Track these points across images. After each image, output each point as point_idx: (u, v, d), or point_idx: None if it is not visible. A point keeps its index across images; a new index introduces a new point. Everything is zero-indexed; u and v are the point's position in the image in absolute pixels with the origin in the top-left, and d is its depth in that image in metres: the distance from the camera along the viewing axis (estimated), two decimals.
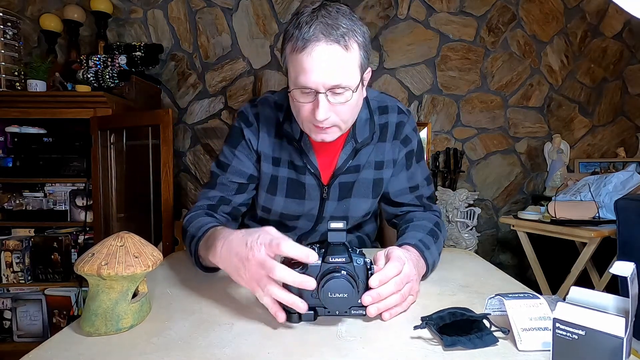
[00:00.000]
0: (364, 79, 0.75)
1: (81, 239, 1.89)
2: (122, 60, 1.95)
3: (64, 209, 1.91)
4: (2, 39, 1.84)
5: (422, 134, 2.42)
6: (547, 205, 1.92)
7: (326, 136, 0.76)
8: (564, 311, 0.42)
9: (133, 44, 2.07)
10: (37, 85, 1.86)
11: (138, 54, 2.02)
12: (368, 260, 0.57)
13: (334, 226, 0.55)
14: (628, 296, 0.42)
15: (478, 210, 2.22)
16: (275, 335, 0.53)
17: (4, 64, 1.84)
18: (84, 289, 1.85)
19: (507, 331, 0.50)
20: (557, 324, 0.42)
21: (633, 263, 0.43)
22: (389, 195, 0.93)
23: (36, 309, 1.93)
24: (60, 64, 2.13)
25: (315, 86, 0.68)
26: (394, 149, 0.89)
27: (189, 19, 2.41)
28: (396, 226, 0.95)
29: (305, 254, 0.52)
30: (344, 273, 0.52)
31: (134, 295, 0.56)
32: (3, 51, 1.84)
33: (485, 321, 0.52)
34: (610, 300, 0.45)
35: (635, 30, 2.43)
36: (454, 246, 2.21)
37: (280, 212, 0.92)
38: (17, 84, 1.90)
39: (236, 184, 0.89)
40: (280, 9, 2.41)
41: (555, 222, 1.80)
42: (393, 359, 0.47)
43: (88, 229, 1.86)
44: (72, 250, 1.89)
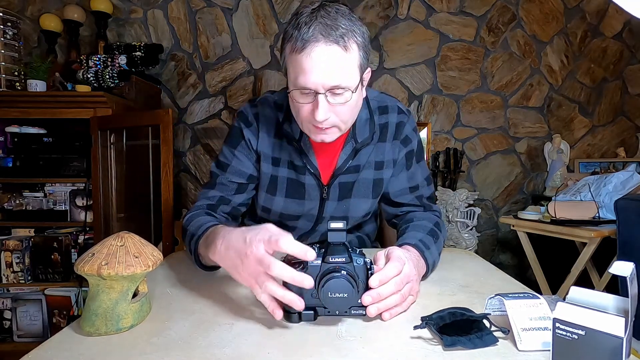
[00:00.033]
0: (364, 79, 0.75)
1: (81, 239, 1.89)
2: (122, 60, 1.95)
3: (64, 209, 1.91)
4: (2, 39, 1.84)
5: (422, 134, 2.42)
6: (547, 205, 1.92)
7: (326, 137, 0.76)
8: (563, 311, 0.42)
9: (133, 44, 2.07)
10: (37, 85, 1.86)
11: (138, 54, 2.02)
12: (368, 260, 0.57)
13: (334, 226, 0.55)
14: (628, 296, 0.42)
15: (478, 210, 2.22)
16: (275, 335, 0.53)
17: (4, 64, 1.84)
18: (84, 289, 1.85)
19: (507, 331, 0.50)
20: (557, 324, 0.42)
21: (632, 263, 0.43)
22: (389, 196, 0.93)
23: (36, 309, 1.93)
24: (60, 64, 2.13)
25: (314, 87, 0.68)
26: (394, 149, 0.89)
27: (189, 19, 2.41)
28: (396, 226, 0.95)
29: (304, 251, 0.52)
30: (344, 273, 0.52)
31: (134, 295, 0.56)
32: (3, 51, 1.84)
33: (485, 321, 0.52)
34: (610, 300, 0.45)
35: (635, 30, 2.43)
36: (454, 246, 2.21)
37: (280, 212, 0.92)
38: (17, 84, 1.90)
39: (236, 184, 0.89)
40: (280, 9, 2.41)
41: (555, 222, 1.80)
42: (393, 359, 0.47)
43: (88, 229, 1.86)
44: (72, 250, 1.89)
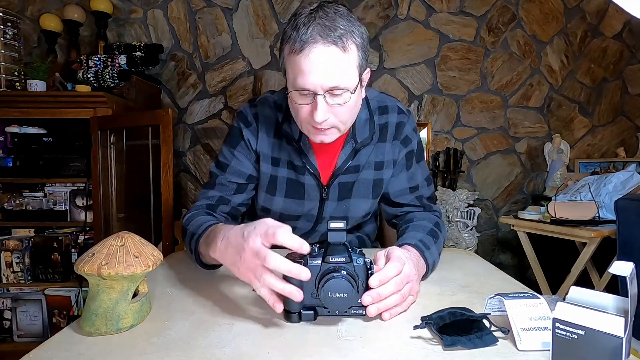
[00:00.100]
0: (363, 79, 0.75)
1: (81, 239, 1.89)
2: (122, 60, 1.95)
3: (64, 209, 1.91)
4: (2, 39, 1.84)
5: (422, 134, 2.41)
6: (547, 205, 1.92)
7: (325, 137, 0.76)
8: (563, 311, 0.42)
9: (133, 44, 2.07)
10: (37, 85, 1.86)
11: (138, 54, 2.02)
12: (368, 260, 0.57)
13: (333, 226, 0.55)
14: (628, 296, 0.42)
15: (478, 210, 2.22)
16: (275, 335, 0.53)
17: (4, 64, 1.84)
18: (84, 289, 1.85)
19: (506, 331, 0.50)
20: (557, 324, 0.42)
21: (632, 263, 0.43)
22: (388, 196, 0.93)
23: (36, 309, 1.93)
24: (60, 64, 2.13)
25: (313, 88, 0.68)
26: (394, 149, 0.89)
27: (189, 19, 2.41)
28: (396, 226, 0.95)
29: (300, 244, 0.52)
30: (344, 273, 0.52)
31: (134, 295, 0.56)
32: (3, 51, 1.84)
33: (485, 321, 0.52)
34: (610, 300, 0.45)
35: (635, 30, 2.43)
36: (454, 246, 2.21)
37: (280, 213, 0.92)
38: (17, 84, 1.90)
39: (235, 184, 0.89)
40: (280, 9, 2.41)
41: (555, 222, 1.80)
42: (393, 359, 0.47)
43: (88, 229, 1.86)
44: (72, 250, 1.89)
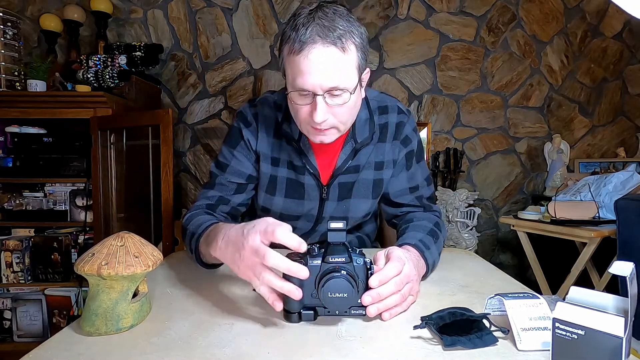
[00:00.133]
0: (362, 79, 0.75)
1: (81, 239, 1.89)
2: (122, 60, 1.95)
3: (64, 209, 1.91)
4: (2, 39, 1.84)
5: (422, 134, 2.41)
6: (547, 205, 1.92)
7: (325, 138, 0.76)
8: (563, 311, 0.42)
9: (133, 44, 2.07)
10: (37, 85, 1.86)
11: (138, 54, 2.02)
12: (368, 260, 0.57)
13: (333, 226, 0.55)
14: (627, 296, 0.42)
15: (478, 210, 2.22)
16: (275, 335, 0.53)
17: (4, 64, 1.84)
18: (84, 289, 1.85)
19: (506, 331, 0.50)
20: (557, 324, 0.42)
21: (632, 263, 0.43)
22: (388, 196, 0.93)
23: (36, 309, 1.93)
24: (60, 64, 2.13)
25: (312, 88, 0.68)
26: (393, 149, 0.89)
27: (189, 19, 2.41)
28: (396, 226, 0.95)
29: (298, 242, 0.52)
30: (343, 273, 0.52)
31: (134, 295, 0.56)
32: (3, 51, 1.84)
33: (485, 321, 0.52)
34: (610, 300, 0.45)
35: (635, 30, 2.43)
36: (454, 246, 2.21)
37: (280, 213, 0.92)
38: (17, 84, 1.90)
39: (235, 184, 0.89)
40: (280, 9, 2.41)
41: (555, 222, 1.80)
42: (393, 359, 0.47)
43: (88, 229, 1.86)
44: (72, 250, 1.89)
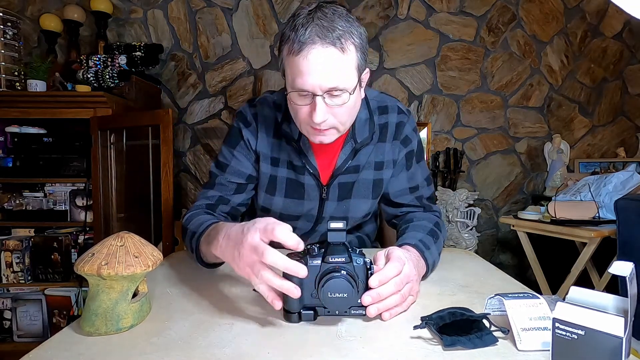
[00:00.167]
0: (362, 80, 0.75)
1: (81, 239, 1.89)
2: (122, 60, 1.95)
3: (64, 209, 1.91)
4: (2, 39, 1.84)
5: (422, 134, 2.41)
6: (547, 205, 1.92)
7: (324, 138, 0.76)
8: (563, 311, 0.42)
9: (133, 44, 2.07)
10: (37, 85, 1.86)
11: (138, 54, 2.02)
12: (368, 260, 0.57)
13: (333, 226, 0.55)
14: (627, 296, 0.42)
15: (478, 210, 2.22)
16: (275, 335, 0.53)
17: (4, 64, 1.84)
18: (84, 289, 1.85)
19: (506, 331, 0.50)
20: (557, 324, 0.42)
21: (632, 263, 0.43)
22: (388, 196, 0.93)
23: (36, 309, 1.93)
24: (60, 64, 2.13)
25: (312, 89, 0.68)
26: (393, 149, 0.89)
27: (189, 19, 2.41)
28: (396, 226, 0.95)
29: (296, 242, 0.52)
30: (343, 273, 0.52)
31: (134, 295, 0.56)
32: (3, 51, 1.84)
33: (485, 321, 0.52)
34: (610, 300, 0.45)
35: (635, 30, 2.43)
36: (454, 246, 2.21)
37: (280, 213, 0.92)
38: (17, 84, 1.90)
39: (235, 184, 0.89)
40: (280, 9, 2.41)
41: (555, 222, 1.80)
42: (393, 359, 0.47)
43: (88, 229, 1.86)
44: (72, 250, 1.89)
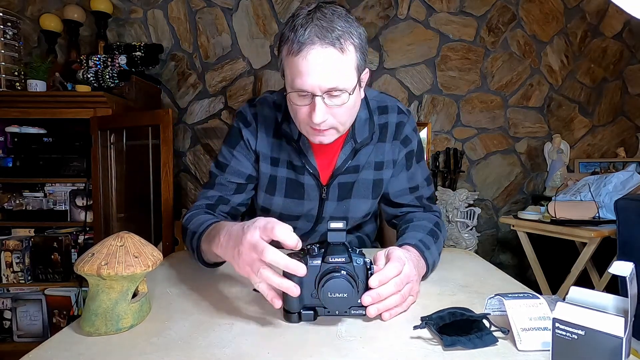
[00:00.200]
0: (361, 80, 0.75)
1: (81, 239, 1.89)
2: (122, 60, 1.95)
3: (64, 209, 1.91)
4: (2, 39, 1.84)
5: (422, 134, 2.41)
6: (547, 205, 1.92)
7: (324, 138, 0.76)
8: (563, 311, 0.42)
9: (133, 44, 2.07)
10: (37, 85, 1.86)
11: (138, 54, 2.02)
12: (368, 260, 0.57)
13: (333, 226, 0.55)
14: (627, 296, 0.42)
15: (478, 210, 2.22)
16: (275, 335, 0.53)
17: (4, 64, 1.84)
18: (84, 289, 1.85)
19: (506, 331, 0.50)
20: (557, 324, 0.42)
21: (632, 263, 0.43)
22: (388, 196, 0.93)
23: (36, 309, 1.93)
24: (60, 64, 2.13)
25: (311, 89, 0.68)
26: (393, 150, 0.89)
27: (189, 19, 2.41)
28: (396, 226, 0.95)
29: (295, 241, 0.52)
30: (343, 273, 0.52)
31: (134, 295, 0.56)
32: (3, 51, 1.84)
33: (485, 321, 0.52)
34: (610, 300, 0.45)
35: (635, 30, 2.43)
36: (454, 246, 2.21)
37: (280, 213, 0.92)
38: (17, 84, 1.90)
39: (235, 184, 0.89)
40: (280, 9, 2.41)
41: (555, 222, 1.80)
42: (393, 359, 0.47)
43: (88, 229, 1.86)
44: (72, 250, 1.89)
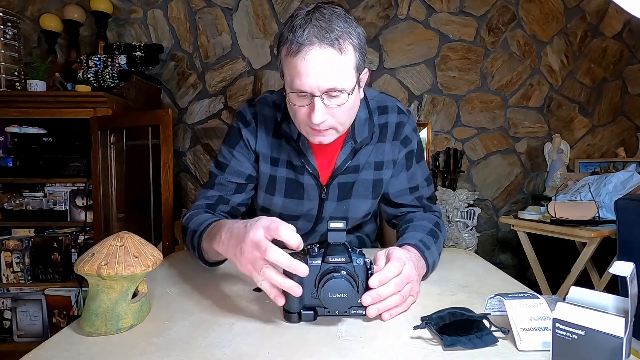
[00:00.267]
0: (361, 80, 0.75)
1: (81, 239, 1.89)
2: (122, 60, 1.95)
3: (64, 209, 1.91)
4: (2, 39, 1.84)
5: (422, 134, 2.41)
6: (547, 205, 1.92)
7: (323, 139, 0.76)
8: (563, 311, 0.42)
9: (133, 44, 2.07)
10: (37, 85, 1.86)
11: (138, 54, 2.02)
12: (368, 260, 0.57)
13: (333, 226, 0.55)
14: (628, 296, 0.42)
15: (478, 210, 2.22)
16: (275, 335, 0.53)
17: (4, 64, 1.84)
18: (84, 289, 1.85)
19: (506, 331, 0.50)
20: (557, 324, 0.42)
21: (632, 263, 0.43)
22: (388, 196, 0.93)
23: (36, 309, 1.93)
24: (60, 64, 2.13)
25: (310, 90, 0.68)
26: (393, 150, 0.89)
27: (189, 19, 2.41)
28: (396, 226, 0.95)
29: (298, 242, 0.52)
30: (343, 273, 0.52)
31: (134, 295, 0.56)
32: (3, 51, 1.84)
33: (485, 321, 0.52)
34: (610, 300, 0.45)
35: (635, 30, 2.43)
36: (454, 246, 2.21)
37: (279, 212, 0.92)
38: (17, 84, 1.90)
39: (234, 184, 0.89)
40: (280, 9, 2.41)
41: (555, 222, 1.80)
42: (393, 359, 0.47)
43: (88, 229, 1.86)
44: (72, 250, 1.89)
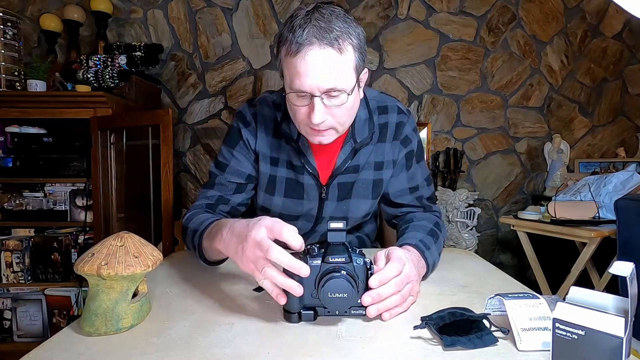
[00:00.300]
0: (360, 80, 0.75)
1: (81, 239, 1.89)
2: (122, 60, 1.95)
3: (64, 209, 1.91)
4: (2, 39, 1.84)
5: (422, 134, 2.41)
6: (547, 205, 1.92)
7: (323, 139, 0.76)
8: (563, 311, 0.42)
9: (133, 44, 2.07)
10: (37, 85, 1.86)
11: (138, 54, 2.02)
12: (368, 260, 0.57)
13: (333, 226, 0.55)
14: (628, 296, 0.42)
15: (478, 210, 2.22)
16: (275, 335, 0.53)
17: (4, 64, 1.84)
18: (84, 289, 1.85)
19: (506, 331, 0.50)
20: (557, 324, 0.42)
21: (632, 263, 0.43)
22: (388, 196, 0.93)
23: (36, 309, 1.93)
24: (60, 64, 2.13)
25: (310, 90, 0.68)
26: (393, 150, 0.89)
27: (189, 19, 2.41)
28: (396, 226, 0.95)
29: (300, 243, 0.53)
30: (343, 273, 0.52)
31: (134, 295, 0.56)
32: (3, 51, 1.84)
33: (485, 321, 0.52)
34: (610, 300, 0.45)
35: (635, 30, 2.43)
36: (454, 246, 2.21)
37: (279, 212, 0.92)
38: (17, 84, 1.90)
39: (234, 184, 0.89)
40: (280, 9, 2.41)
41: (555, 222, 1.80)
42: (393, 359, 0.47)
43: (88, 229, 1.86)
44: (72, 250, 1.89)
